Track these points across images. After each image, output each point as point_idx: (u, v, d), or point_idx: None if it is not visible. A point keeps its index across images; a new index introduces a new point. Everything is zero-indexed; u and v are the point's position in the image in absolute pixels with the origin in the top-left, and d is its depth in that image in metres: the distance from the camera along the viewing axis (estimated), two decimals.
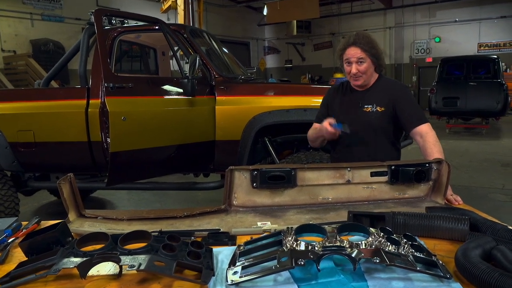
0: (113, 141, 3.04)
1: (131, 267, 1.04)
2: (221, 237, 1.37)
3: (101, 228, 1.46)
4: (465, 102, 9.98)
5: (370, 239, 1.16)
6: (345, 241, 1.13)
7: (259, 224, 1.47)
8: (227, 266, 1.12)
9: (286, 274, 1.08)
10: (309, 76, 18.93)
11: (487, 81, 10.08)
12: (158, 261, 1.07)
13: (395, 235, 1.19)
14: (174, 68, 4.67)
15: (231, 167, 1.62)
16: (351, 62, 2.15)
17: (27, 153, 3.55)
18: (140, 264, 1.04)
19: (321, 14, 17.03)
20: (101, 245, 1.18)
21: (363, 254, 1.06)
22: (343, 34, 17.54)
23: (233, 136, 3.45)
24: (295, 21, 18.56)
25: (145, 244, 1.16)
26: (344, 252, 1.07)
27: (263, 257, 1.13)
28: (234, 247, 1.27)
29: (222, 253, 1.25)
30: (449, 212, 1.41)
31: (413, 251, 1.12)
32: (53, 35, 11.78)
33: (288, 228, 1.25)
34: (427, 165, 1.67)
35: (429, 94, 10.60)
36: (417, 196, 1.72)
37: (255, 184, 1.63)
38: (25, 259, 1.17)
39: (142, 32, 4.05)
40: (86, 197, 5.14)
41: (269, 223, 1.48)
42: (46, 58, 11.01)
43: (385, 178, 1.69)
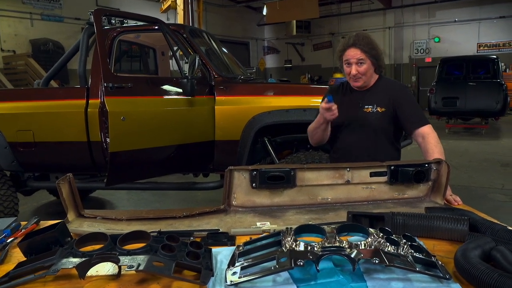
0: (112, 141, 3.04)
1: (130, 267, 1.04)
2: (220, 238, 1.37)
3: (100, 228, 1.46)
4: (465, 102, 9.98)
5: (370, 239, 1.16)
6: (344, 242, 1.13)
7: (258, 224, 1.47)
8: (226, 266, 1.12)
9: (285, 274, 1.08)
10: (309, 76, 18.96)
11: (487, 81, 10.08)
12: (157, 261, 1.07)
13: (394, 235, 1.19)
14: (173, 68, 4.68)
15: (231, 167, 1.62)
16: (351, 63, 2.14)
17: (26, 153, 3.55)
18: (139, 265, 1.04)
19: (321, 14, 17.04)
20: (100, 245, 1.18)
21: (362, 255, 1.06)
22: (343, 34, 17.55)
23: (232, 136, 3.45)
24: (295, 21, 18.58)
25: (144, 244, 1.16)
26: (343, 253, 1.07)
27: (262, 257, 1.13)
28: (233, 247, 1.27)
29: (221, 253, 1.25)
30: (448, 213, 1.41)
31: (413, 251, 1.11)
32: (52, 35, 11.78)
33: (287, 228, 1.25)
34: (427, 165, 1.67)
35: (428, 94, 10.61)
36: (416, 196, 1.71)
37: (254, 184, 1.63)
38: (24, 259, 1.17)
39: (142, 32, 4.05)
40: (86, 197, 5.14)
41: (268, 223, 1.48)
42: (46, 58, 11.01)
43: (384, 179, 1.69)
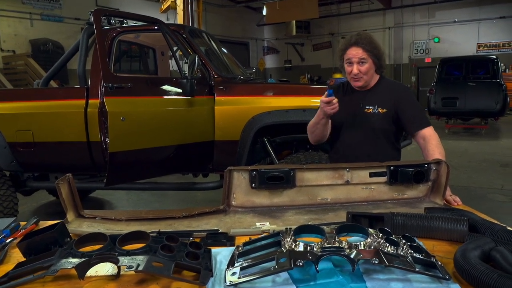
0: (112, 141, 3.03)
1: (129, 267, 1.04)
2: (219, 238, 1.37)
3: (100, 228, 1.46)
4: (464, 102, 9.98)
5: (369, 240, 1.16)
6: (344, 242, 1.13)
7: (257, 224, 1.47)
8: (225, 266, 1.12)
9: (285, 275, 1.08)
10: (308, 76, 18.94)
11: (486, 82, 10.08)
12: (156, 261, 1.07)
13: (394, 236, 1.19)
14: (173, 68, 4.67)
15: (230, 167, 1.62)
16: (353, 63, 2.13)
17: (26, 153, 3.54)
18: (138, 265, 1.04)
19: (320, 14, 17.05)
20: (99, 246, 1.18)
21: (361, 255, 1.06)
22: (342, 34, 17.55)
23: (232, 136, 3.45)
24: (294, 21, 18.59)
25: (143, 244, 1.16)
26: (342, 253, 1.07)
27: (261, 258, 1.12)
28: (232, 247, 1.27)
29: (221, 253, 1.25)
30: (448, 213, 1.41)
31: (412, 252, 1.11)
32: (52, 35, 11.79)
33: (286, 228, 1.25)
34: (426, 165, 1.67)
35: (428, 95, 10.60)
36: (416, 196, 1.71)
37: (254, 185, 1.63)
38: (23, 259, 1.17)
39: (141, 32, 4.04)
40: (85, 197, 5.14)
41: (267, 223, 1.48)
42: (45, 58, 11.02)
43: (384, 179, 1.68)
